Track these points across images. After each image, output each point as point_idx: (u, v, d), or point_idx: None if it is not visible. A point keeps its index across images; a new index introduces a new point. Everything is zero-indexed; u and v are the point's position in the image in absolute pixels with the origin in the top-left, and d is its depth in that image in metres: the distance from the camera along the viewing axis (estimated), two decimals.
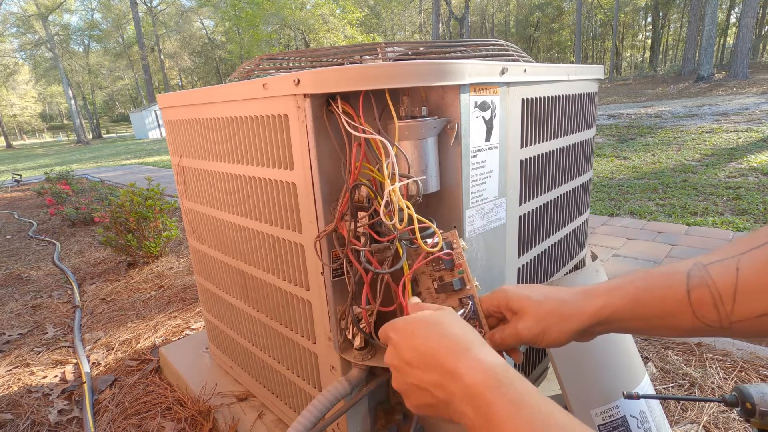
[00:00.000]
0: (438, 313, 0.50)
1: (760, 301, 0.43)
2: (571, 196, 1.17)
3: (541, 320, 0.54)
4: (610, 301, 0.52)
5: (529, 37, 45.28)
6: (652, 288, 0.50)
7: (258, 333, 1.15)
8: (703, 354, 1.54)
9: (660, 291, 0.49)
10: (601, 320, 0.53)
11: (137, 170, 9.27)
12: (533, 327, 0.54)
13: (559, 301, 0.55)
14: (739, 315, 0.44)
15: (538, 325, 0.54)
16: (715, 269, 0.46)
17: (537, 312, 0.55)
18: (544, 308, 0.55)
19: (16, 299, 2.57)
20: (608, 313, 0.52)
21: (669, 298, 0.48)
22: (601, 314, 0.52)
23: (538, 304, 0.55)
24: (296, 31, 27.68)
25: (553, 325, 0.54)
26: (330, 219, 0.76)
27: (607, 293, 0.53)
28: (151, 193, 2.93)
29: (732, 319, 0.45)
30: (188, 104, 1.10)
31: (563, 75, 0.99)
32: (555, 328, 0.53)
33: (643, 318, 0.51)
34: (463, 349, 0.43)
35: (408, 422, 0.94)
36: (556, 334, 0.53)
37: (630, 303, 0.51)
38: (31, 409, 1.53)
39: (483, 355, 0.42)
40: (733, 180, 4.02)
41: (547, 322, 0.54)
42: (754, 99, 10.53)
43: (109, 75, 44.20)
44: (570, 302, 0.54)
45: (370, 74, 0.66)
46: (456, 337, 0.45)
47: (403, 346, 0.47)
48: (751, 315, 0.44)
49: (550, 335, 0.54)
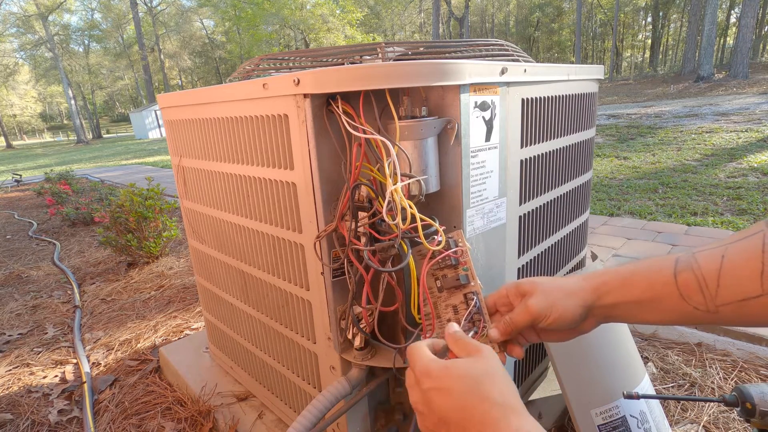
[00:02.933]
0: (478, 366, 0.46)
1: (743, 285, 0.45)
2: (571, 196, 1.17)
3: (548, 295, 0.58)
4: (605, 279, 0.57)
5: (529, 37, 45.28)
6: (642, 270, 0.54)
7: (258, 333, 1.15)
8: (703, 354, 1.54)
9: (648, 272, 0.54)
10: (598, 296, 0.57)
11: (137, 170, 9.27)
12: (541, 301, 0.58)
13: (563, 281, 0.60)
14: (723, 298, 0.47)
15: (545, 299, 0.58)
16: (702, 256, 0.50)
17: (544, 288, 0.59)
18: (551, 286, 0.59)
19: (16, 299, 2.57)
20: (604, 289, 0.56)
21: (657, 279, 0.52)
22: (598, 291, 0.57)
23: (545, 283, 0.60)
24: (296, 31, 27.69)
25: (559, 300, 0.57)
26: (330, 219, 0.76)
27: (603, 273, 0.58)
28: (151, 193, 2.93)
29: (717, 303, 0.47)
30: (188, 104, 1.10)
31: (563, 75, 0.99)
32: (561, 303, 0.57)
33: (633, 299, 0.54)
34: (505, 414, 0.41)
35: (408, 422, 0.94)
36: (562, 309, 0.57)
37: (621, 281, 0.55)
38: (31, 409, 1.53)
39: (523, 423, 0.41)
40: (733, 180, 4.02)
41: (554, 296, 0.58)
42: (754, 99, 10.53)
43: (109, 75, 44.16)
44: (572, 282, 0.60)
45: (370, 74, 0.66)
46: (497, 401, 0.43)
47: (436, 397, 0.45)
48: (735, 299, 0.46)
49: (557, 309, 0.57)
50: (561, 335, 0.61)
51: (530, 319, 0.58)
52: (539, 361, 1.27)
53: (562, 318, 0.57)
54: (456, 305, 0.64)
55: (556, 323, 0.57)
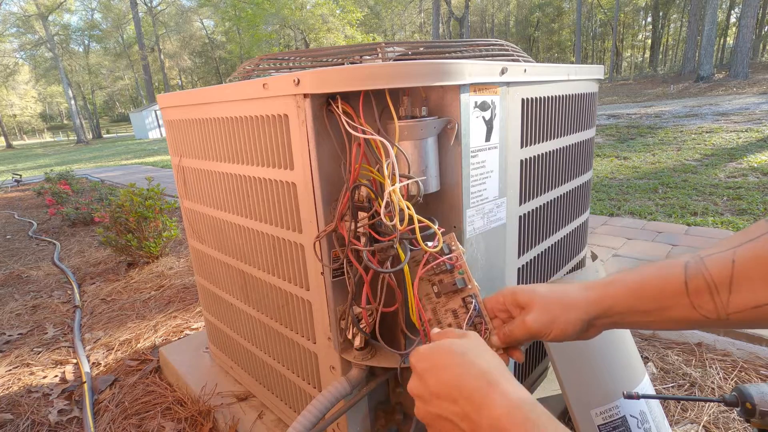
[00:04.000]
0: (464, 341, 0.49)
1: (755, 292, 0.44)
2: (571, 196, 1.17)
3: (547, 311, 0.56)
4: (611, 291, 0.54)
5: (529, 37, 45.27)
6: (651, 278, 0.51)
7: (258, 333, 1.15)
8: (703, 354, 1.54)
9: (658, 281, 0.51)
10: (603, 309, 0.54)
11: (137, 170, 9.27)
12: (540, 317, 0.55)
13: (563, 292, 0.57)
14: (735, 306, 0.45)
15: (545, 315, 0.55)
16: (711, 261, 0.47)
17: (543, 303, 0.56)
18: (549, 299, 0.56)
19: (16, 299, 2.57)
20: (609, 302, 0.54)
21: (667, 288, 0.49)
22: (603, 303, 0.54)
23: (543, 296, 0.57)
24: (296, 31, 27.67)
25: (559, 315, 0.55)
26: (330, 219, 0.76)
27: (608, 284, 0.55)
28: (151, 193, 2.93)
29: (729, 310, 0.46)
30: (188, 104, 1.10)
31: (563, 75, 0.99)
32: (562, 318, 0.55)
33: (642, 309, 0.52)
34: (491, 381, 0.43)
35: (408, 422, 0.94)
36: (563, 324, 0.55)
37: (629, 292, 0.53)
38: (31, 409, 1.53)
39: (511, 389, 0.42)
40: (733, 180, 4.02)
41: (554, 312, 0.55)
42: (754, 99, 10.52)
43: (109, 75, 44.15)
44: (573, 293, 0.56)
45: (370, 74, 0.66)
46: (483, 369, 0.44)
47: (429, 377, 0.46)
48: (747, 306, 0.44)
49: (558, 325, 0.55)
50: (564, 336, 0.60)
51: (529, 335, 0.56)
52: (539, 361, 1.27)
53: (563, 333, 0.55)
54: (455, 309, 0.63)
55: (557, 339, 0.56)
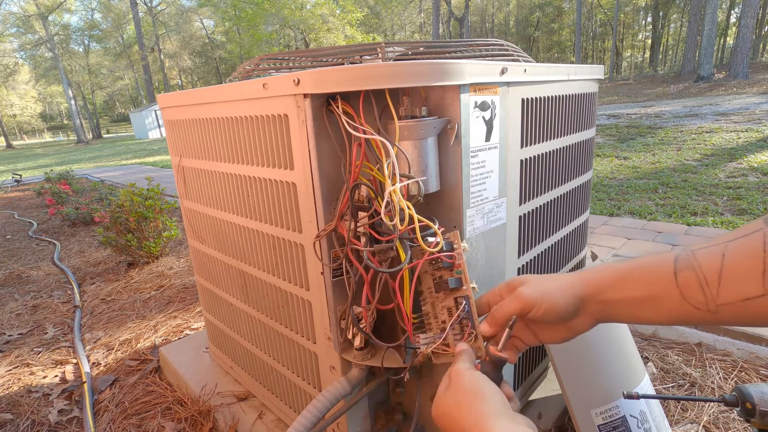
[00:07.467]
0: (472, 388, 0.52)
1: (744, 285, 0.44)
2: (571, 196, 1.17)
3: (540, 283, 0.58)
4: (599, 273, 0.56)
5: (529, 37, 45.26)
6: (640, 265, 0.53)
7: (258, 333, 1.15)
8: (703, 354, 1.54)
9: (647, 268, 0.52)
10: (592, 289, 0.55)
11: (137, 170, 9.27)
12: (532, 290, 0.57)
13: (556, 275, 0.61)
14: (724, 298, 0.46)
15: (536, 286, 0.57)
16: (702, 254, 0.48)
17: (536, 278, 0.59)
18: (542, 276, 0.60)
19: (16, 299, 2.57)
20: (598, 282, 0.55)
21: (656, 277, 0.51)
22: (592, 283, 0.56)
23: (537, 276, 0.60)
24: (296, 31, 27.67)
25: (550, 291, 0.56)
26: (330, 219, 0.76)
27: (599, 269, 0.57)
28: (151, 193, 2.93)
29: (718, 302, 0.46)
30: (188, 104, 1.10)
31: (563, 75, 0.99)
32: (552, 294, 0.56)
33: (631, 297, 0.53)
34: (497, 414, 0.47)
35: (408, 422, 0.94)
36: (554, 299, 0.56)
37: (618, 275, 0.54)
38: (31, 409, 1.53)
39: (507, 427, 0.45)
40: (733, 180, 4.02)
41: (545, 284, 0.57)
42: (754, 99, 10.52)
43: (109, 75, 44.16)
44: (566, 275, 0.59)
45: (370, 74, 0.66)
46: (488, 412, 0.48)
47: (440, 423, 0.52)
48: (736, 299, 0.45)
49: (548, 299, 0.56)
50: (557, 334, 0.60)
51: (520, 306, 0.57)
52: (539, 361, 1.27)
53: (553, 309, 0.56)
54: (450, 307, 0.64)
55: (547, 314, 0.56)
